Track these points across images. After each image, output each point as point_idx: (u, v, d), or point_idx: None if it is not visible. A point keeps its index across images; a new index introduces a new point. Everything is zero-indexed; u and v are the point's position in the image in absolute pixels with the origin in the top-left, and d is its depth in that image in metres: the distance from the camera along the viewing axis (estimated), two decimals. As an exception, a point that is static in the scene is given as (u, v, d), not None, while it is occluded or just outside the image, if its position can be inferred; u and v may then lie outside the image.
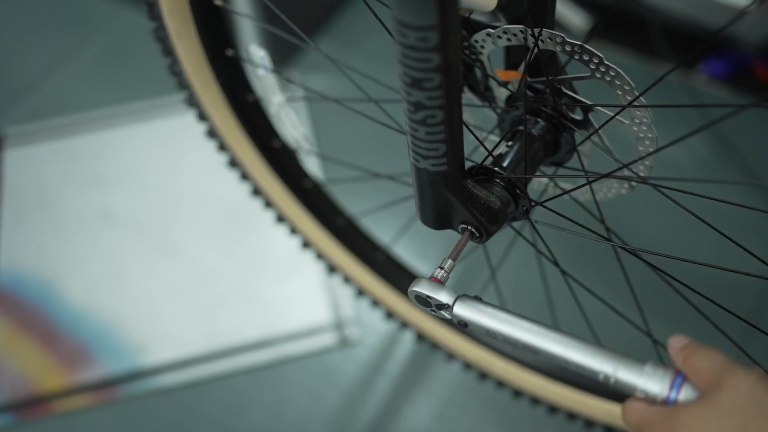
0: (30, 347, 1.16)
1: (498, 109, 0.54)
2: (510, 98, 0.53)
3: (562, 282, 0.65)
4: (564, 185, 0.59)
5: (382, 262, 0.85)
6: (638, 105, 0.44)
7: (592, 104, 0.48)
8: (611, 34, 1.48)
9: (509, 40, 0.47)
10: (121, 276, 1.24)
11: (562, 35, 0.43)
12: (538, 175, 0.53)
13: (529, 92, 0.51)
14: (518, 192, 0.48)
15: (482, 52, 0.50)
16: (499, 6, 0.47)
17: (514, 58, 0.51)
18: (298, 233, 0.86)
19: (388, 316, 0.90)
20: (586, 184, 0.55)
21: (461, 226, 0.48)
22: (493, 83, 0.53)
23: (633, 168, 0.50)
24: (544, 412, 0.80)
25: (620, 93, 0.44)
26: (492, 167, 0.48)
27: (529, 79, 0.50)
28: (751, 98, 1.37)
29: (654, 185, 0.48)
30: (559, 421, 0.80)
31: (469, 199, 0.46)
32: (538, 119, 0.51)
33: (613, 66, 0.43)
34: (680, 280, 0.52)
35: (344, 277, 0.89)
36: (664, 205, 0.50)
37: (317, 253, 0.87)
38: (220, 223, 1.30)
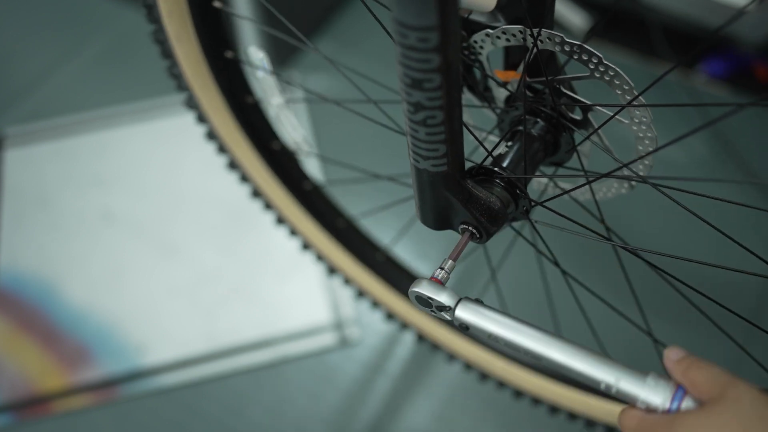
0: (30, 347, 1.16)
1: (497, 110, 0.54)
2: (509, 98, 0.53)
3: (562, 282, 0.65)
4: (564, 185, 0.59)
5: (382, 263, 0.85)
6: (637, 104, 0.44)
7: (592, 104, 0.48)
8: (611, 34, 1.48)
9: (508, 40, 0.47)
10: (121, 276, 1.24)
11: (561, 35, 0.43)
12: (538, 175, 0.53)
13: (528, 92, 0.51)
14: (518, 192, 0.48)
15: (481, 53, 0.50)
16: (498, 6, 0.47)
17: (514, 58, 0.51)
18: (298, 235, 0.86)
19: (389, 317, 0.90)
20: (586, 183, 0.55)
21: (461, 227, 0.48)
22: (492, 83, 0.53)
23: (633, 167, 0.50)
24: (545, 412, 0.80)
25: (619, 93, 0.44)
26: (492, 167, 0.48)
27: (528, 79, 0.50)
28: (750, 98, 1.37)
29: (654, 184, 0.48)
30: (560, 421, 0.80)
31: (469, 200, 0.46)
32: (538, 119, 0.51)
33: (612, 66, 0.43)
34: (681, 279, 0.52)
35: (345, 278, 0.89)
36: (664, 204, 0.50)
37: (318, 255, 0.87)
38: (220, 223, 1.30)
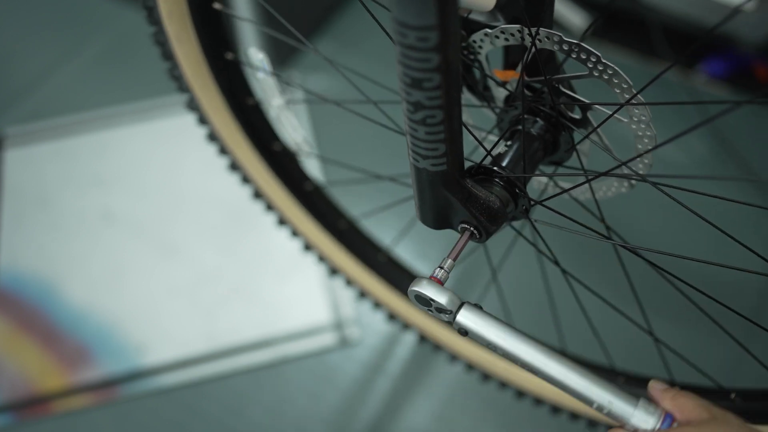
0: (30, 347, 1.16)
1: (497, 109, 0.54)
2: (508, 98, 0.53)
3: (562, 281, 0.65)
4: (563, 184, 0.59)
5: (383, 264, 0.85)
6: (636, 103, 0.44)
7: (591, 103, 0.48)
8: (611, 34, 1.48)
9: (507, 39, 0.47)
10: (121, 276, 1.24)
11: (560, 34, 0.43)
12: (538, 174, 0.53)
13: (527, 92, 0.51)
14: (517, 191, 0.48)
15: (480, 52, 0.50)
16: (497, 6, 0.47)
17: (513, 57, 0.51)
18: (300, 236, 0.86)
19: (391, 317, 0.90)
20: (586, 182, 0.55)
21: (461, 226, 0.48)
22: (491, 83, 0.53)
23: (632, 166, 0.50)
24: (547, 412, 0.80)
25: (618, 91, 0.44)
26: (491, 167, 0.48)
27: (527, 78, 0.50)
28: (749, 96, 1.37)
29: (653, 183, 0.48)
30: (562, 421, 0.80)
31: (469, 199, 0.46)
32: (537, 118, 0.51)
33: (610, 64, 0.43)
34: (681, 278, 0.52)
35: (346, 279, 0.89)
36: (664, 203, 0.50)
37: (319, 256, 0.87)
38: (220, 223, 1.30)
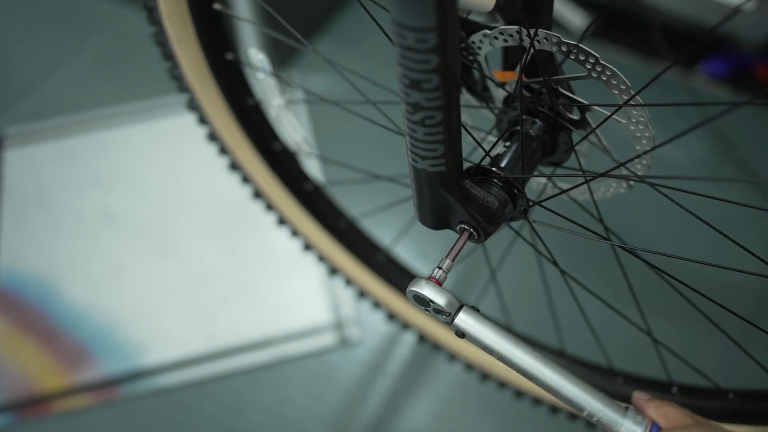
0: (30, 347, 1.17)
1: (496, 110, 0.54)
2: (507, 99, 0.53)
3: (561, 281, 0.65)
4: (562, 185, 0.59)
5: (383, 264, 0.85)
6: (634, 104, 0.44)
7: (589, 104, 0.48)
8: (611, 34, 1.48)
9: (506, 40, 0.47)
10: (121, 276, 1.24)
11: (558, 35, 0.43)
12: (536, 174, 0.53)
13: (526, 93, 0.51)
14: (516, 192, 0.49)
15: (479, 53, 0.50)
16: (497, 7, 0.47)
17: (512, 58, 0.51)
18: (299, 236, 0.86)
19: (390, 317, 0.90)
20: (584, 183, 0.55)
21: (459, 227, 0.48)
22: (490, 84, 0.54)
23: (631, 167, 0.50)
24: (546, 412, 0.80)
25: (616, 92, 0.45)
26: (490, 167, 0.48)
27: (525, 79, 0.50)
28: (749, 97, 1.37)
29: (651, 184, 0.48)
30: (560, 421, 0.80)
31: (467, 200, 0.46)
32: (536, 119, 0.51)
33: (608, 66, 0.43)
34: (679, 279, 0.52)
35: (346, 279, 0.89)
36: (663, 204, 0.50)
37: (319, 256, 0.87)
38: (220, 223, 1.30)
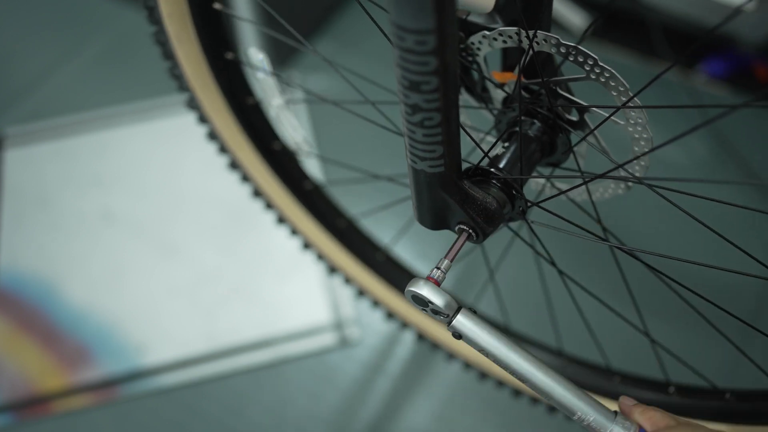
0: (30, 347, 1.17)
1: (494, 111, 0.55)
2: (506, 100, 0.53)
3: (560, 282, 0.65)
4: (561, 186, 0.60)
5: (382, 263, 0.85)
6: (633, 106, 0.44)
7: (588, 105, 0.48)
8: (611, 34, 1.49)
9: (505, 42, 0.47)
10: (121, 276, 1.24)
11: (557, 37, 0.44)
12: (535, 175, 0.53)
13: (525, 94, 0.51)
14: (515, 193, 0.49)
15: (479, 54, 0.51)
16: (496, 8, 0.47)
17: (511, 59, 0.51)
18: (298, 234, 0.86)
19: (389, 316, 0.91)
20: (582, 184, 0.55)
21: (458, 227, 0.48)
22: (489, 85, 0.54)
23: (629, 168, 0.50)
24: (544, 411, 0.80)
25: (615, 94, 0.45)
26: (488, 168, 0.48)
27: (524, 80, 0.50)
28: (749, 98, 1.37)
29: (649, 185, 0.48)
30: (559, 420, 0.80)
31: (466, 200, 0.46)
32: (535, 120, 0.51)
33: (607, 67, 0.43)
34: (678, 280, 0.52)
35: (345, 277, 0.89)
36: (661, 205, 0.50)
37: (318, 254, 0.88)
38: (220, 223, 1.30)
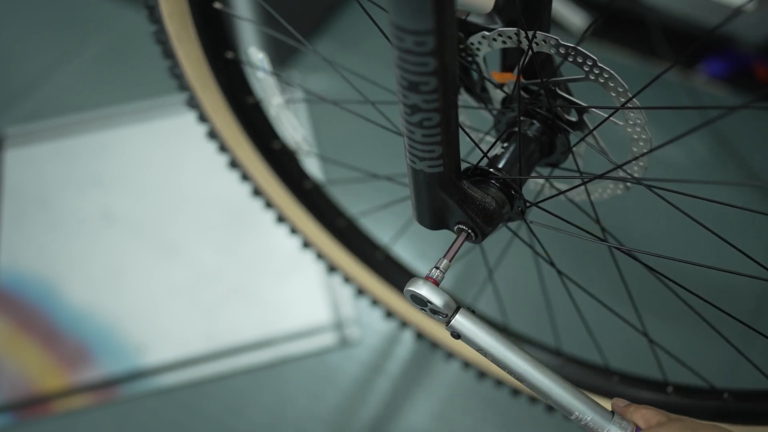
0: (30, 347, 1.17)
1: (494, 111, 0.55)
2: (506, 100, 0.53)
3: (558, 282, 0.65)
4: (559, 186, 0.60)
5: (381, 262, 0.86)
6: (631, 107, 0.45)
7: (587, 106, 0.48)
8: (611, 34, 1.49)
9: (504, 42, 0.47)
10: (121, 276, 1.24)
11: (556, 38, 0.44)
12: (534, 176, 0.53)
13: (524, 94, 0.51)
14: (513, 193, 0.49)
15: (478, 55, 0.51)
16: (495, 8, 0.47)
17: (510, 60, 0.51)
18: (298, 233, 0.86)
19: (388, 315, 0.91)
20: (581, 184, 0.55)
21: (457, 227, 0.48)
22: (489, 85, 0.54)
23: (628, 169, 0.50)
24: (543, 411, 0.80)
25: (614, 95, 0.45)
26: (487, 168, 0.49)
27: (524, 81, 0.50)
28: (749, 98, 1.37)
29: (648, 186, 0.48)
30: (558, 420, 0.80)
31: (465, 200, 0.46)
32: (534, 121, 0.51)
33: (606, 68, 0.43)
34: (676, 281, 0.52)
35: (344, 276, 0.89)
36: (660, 205, 0.50)
37: (317, 253, 0.88)
38: (220, 223, 1.30)
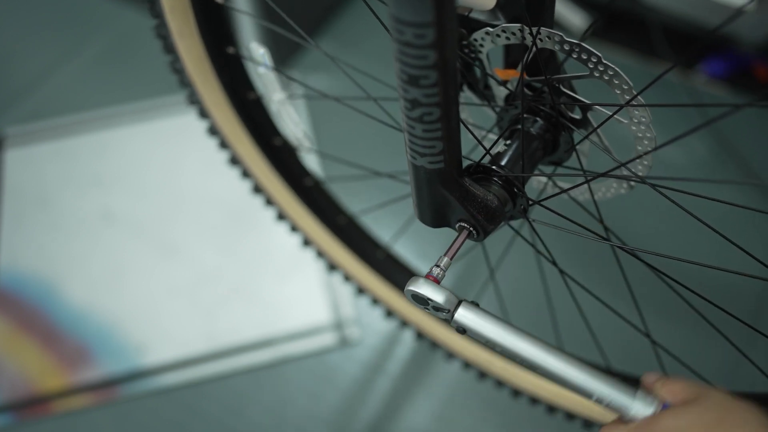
0: (30, 347, 1.16)
1: (497, 108, 0.54)
2: (509, 97, 0.53)
3: (560, 281, 0.65)
4: (562, 184, 0.59)
5: (382, 261, 0.85)
6: (636, 104, 0.44)
7: (591, 103, 0.48)
8: (611, 34, 1.48)
9: (508, 38, 0.47)
10: (121, 276, 1.24)
11: (560, 34, 0.43)
12: (537, 173, 0.53)
13: (528, 91, 0.51)
14: (516, 191, 0.48)
15: (481, 51, 0.50)
16: (498, 5, 0.47)
17: (514, 56, 0.51)
18: (298, 231, 0.86)
19: (388, 314, 0.90)
20: (585, 183, 0.55)
21: (458, 225, 0.47)
22: (492, 82, 0.53)
23: (632, 168, 0.50)
24: (543, 411, 0.80)
25: (618, 92, 0.44)
26: (490, 166, 0.48)
27: (527, 77, 0.50)
28: (749, 98, 1.37)
29: (652, 185, 0.47)
30: (558, 420, 0.80)
31: (466, 197, 0.45)
32: (537, 118, 0.51)
33: (611, 65, 0.43)
34: (679, 280, 0.52)
35: (344, 275, 0.89)
36: (663, 204, 0.49)
37: (317, 252, 0.87)
38: (220, 223, 1.30)
